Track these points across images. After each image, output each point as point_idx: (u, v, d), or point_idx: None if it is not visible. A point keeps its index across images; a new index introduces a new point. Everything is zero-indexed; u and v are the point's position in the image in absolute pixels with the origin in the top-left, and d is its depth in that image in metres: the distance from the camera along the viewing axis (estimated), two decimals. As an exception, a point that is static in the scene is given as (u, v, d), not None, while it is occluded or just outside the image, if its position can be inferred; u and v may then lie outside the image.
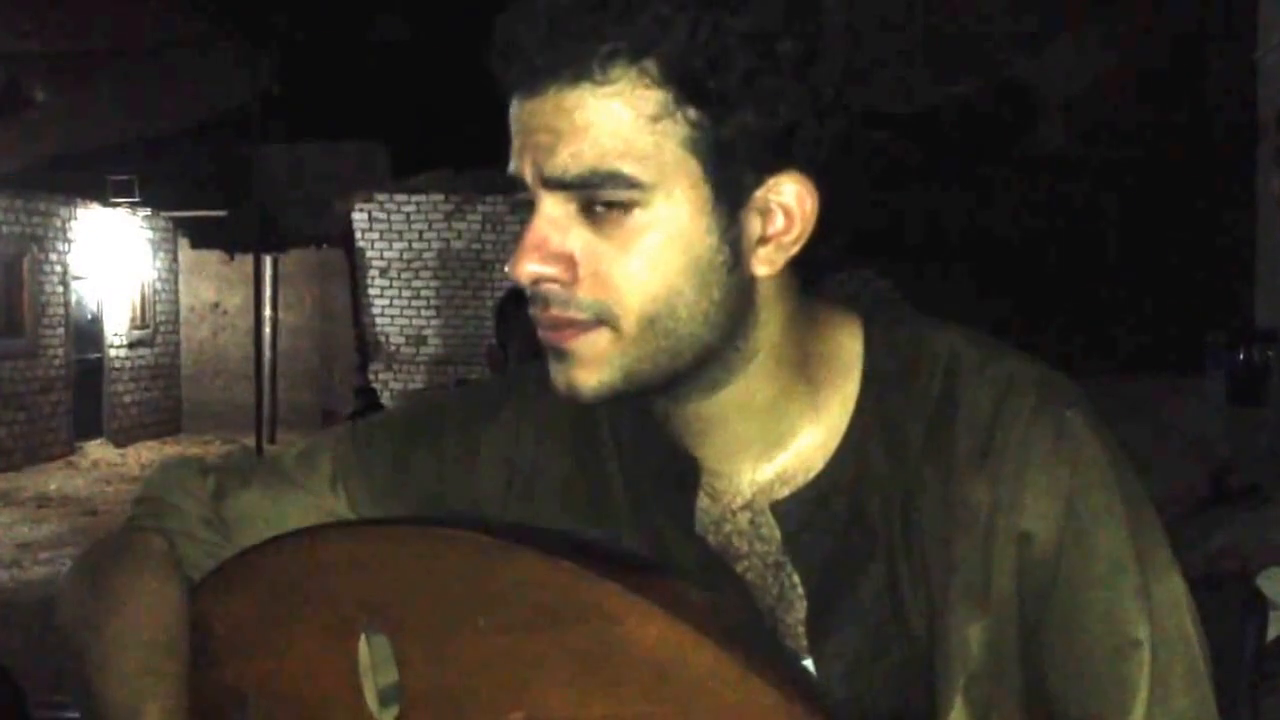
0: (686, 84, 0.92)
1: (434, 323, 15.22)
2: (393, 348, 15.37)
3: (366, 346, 15.38)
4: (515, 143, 0.97)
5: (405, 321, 15.37)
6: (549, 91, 0.94)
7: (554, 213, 0.96)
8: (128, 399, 15.89)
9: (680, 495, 1.06)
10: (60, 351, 14.58)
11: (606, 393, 0.98)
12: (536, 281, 0.96)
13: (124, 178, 14.86)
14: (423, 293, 15.27)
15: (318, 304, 16.66)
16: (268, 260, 15.42)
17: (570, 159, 0.94)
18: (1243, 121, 9.45)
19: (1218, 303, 11.59)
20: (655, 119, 0.93)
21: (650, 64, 0.92)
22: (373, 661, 1.00)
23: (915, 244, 13.55)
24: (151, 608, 1.10)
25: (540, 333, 0.99)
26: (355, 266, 15.48)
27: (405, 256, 15.30)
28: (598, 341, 0.97)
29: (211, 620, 1.10)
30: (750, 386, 1.02)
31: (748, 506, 1.05)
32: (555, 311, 0.97)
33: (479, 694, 0.95)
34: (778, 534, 1.04)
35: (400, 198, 15.19)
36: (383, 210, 15.25)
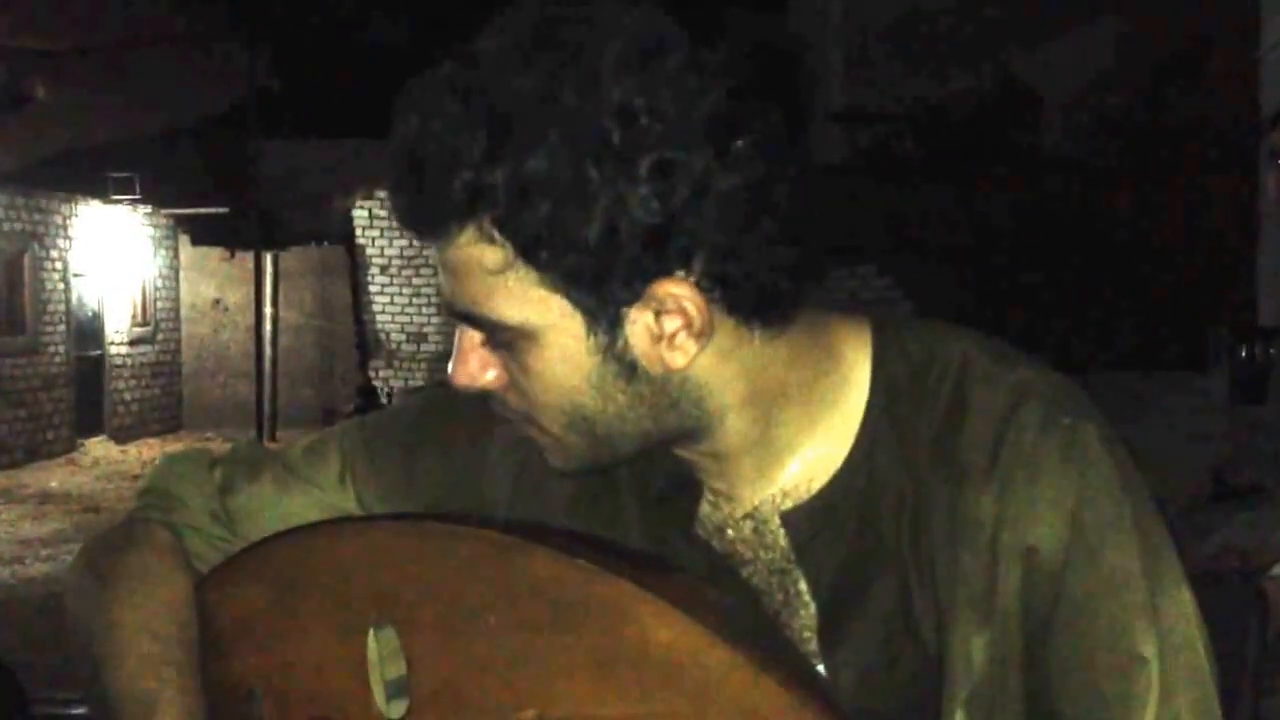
0: (520, 244, 0.92)
1: (434, 320, 15.22)
2: (393, 345, 15.37)
3: (367, 344, 15.39)
4: None
5: (406, 319, 15.37)
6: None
7: (470, 330, 1.00)
8: (129, 396, 15.89)
9: (683, 501, 1.07)
10: (61, 348, 14.59)
11: (577, 471, 1.03)
12: (467, 389, 1.01)
13: (125, 175, 14.86)
14: (423, 290, 15.27)
15: (318, 301, 16.66)
16: (268, 257, 15.43)
17: (453, 297, 0.98)
18: (1245, 119, 9.45)
19: (1220, 300, 11.59)
20: (505, 269, 0.94)
21: (484, 223, 0.93)
22: (381, 656, 1.00)
23: (914, 241, 13.54)
24: (161, 599, 1.09)
25: None
26: (356, 264, 15.49)
27: (406, 254, 15.31)
28: (538, 437, 1.02)
29: (219, 612, 1.09)
30: (729, 437, 1.01)
31: (750, 515, 1.05)
32: (496, 407, 1.02)
33: (490, 691, 0.94)
34: (783, 542, 1.04)
35: (401, 195, 15.18)
36: (383, 207, 15.25)
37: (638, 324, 0.95)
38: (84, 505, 11.33)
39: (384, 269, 15.36)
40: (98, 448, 14.83)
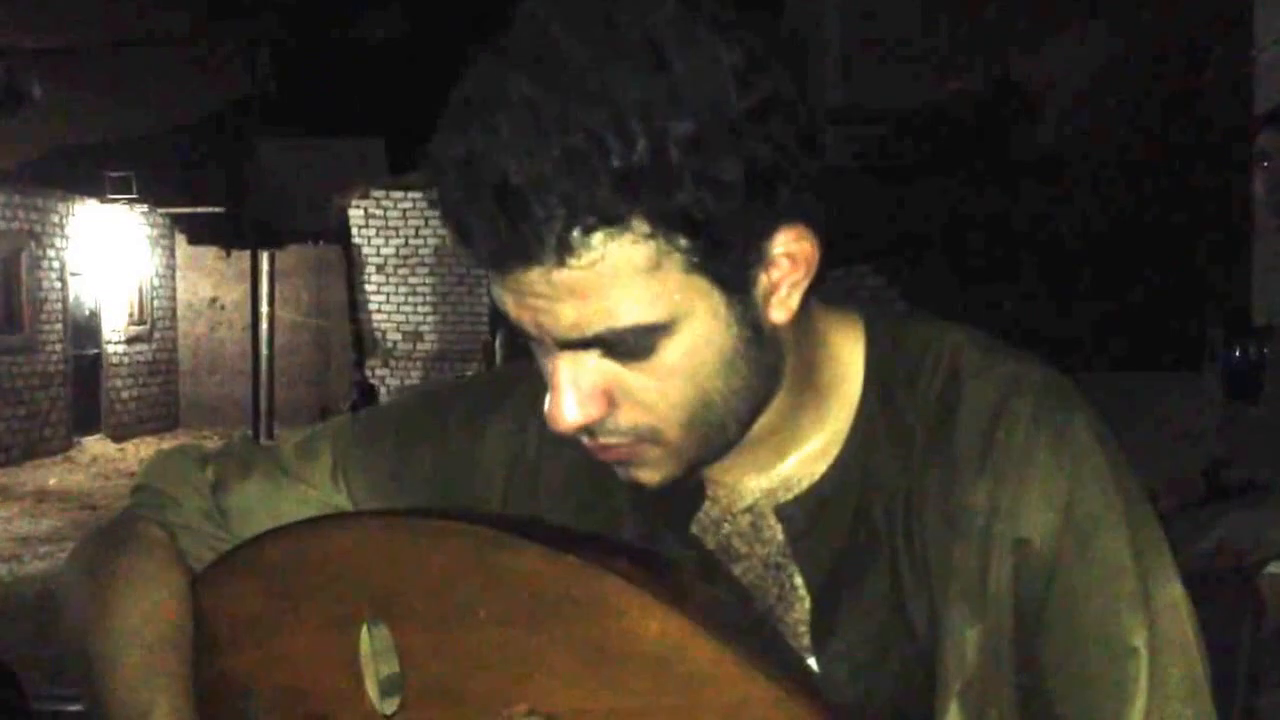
0: (673, 226, 0.89)
1: (430, 319, 15.21)
2: (389, 344, 15.36)
3: (363, 342, 15.37)
4: (506, 297, 0.92)
5: (402, 317, 15.36)
6: (531, 271, 0.89)
7: (574, 359, 0.93)
8: (125, 394, 15.88)
9: (682, 501, 1.07)
10: (58, 347, 14.58)
11: (670, 481, 1.00)
12: (576, 430, 0.95)
13: (121, 174, 14.83)
14: (419, 289, 15.26)
15: (315, 300, 16.64)
16: (265, 256, 15.40)
17: (577, 323, 0.91)
18: (1240, 119, 9.45)
19: (1214, 299, 11.59)
20: (653, 268, 0.89)
21: (634, 222, 0.88)
22: (374, 652, 1.00)
23: (911, 241, 13.55)
24: (155, 604, 1.09)
25: (592, 455, 1.00)
26: (352, 263, 15.47)
27: (402, 253, 15.29)
28: (648, 452, 0.98)
29: (213, 611, 1.10)
30: (771, 413, 1.02)
31: (749, 510, 1.05)
32: (601, 440, 0.97)
33: (481, 686, 0.95)
34: (780, 536, 1.04)
35: (397, 194, 15.18)
36: (379, 206, 15.24)
37: (761, 282, 0.95)
38: (81, 503, 11.32)
39: (380, 268, 15.34)
40: (94, 446, 14.82)
